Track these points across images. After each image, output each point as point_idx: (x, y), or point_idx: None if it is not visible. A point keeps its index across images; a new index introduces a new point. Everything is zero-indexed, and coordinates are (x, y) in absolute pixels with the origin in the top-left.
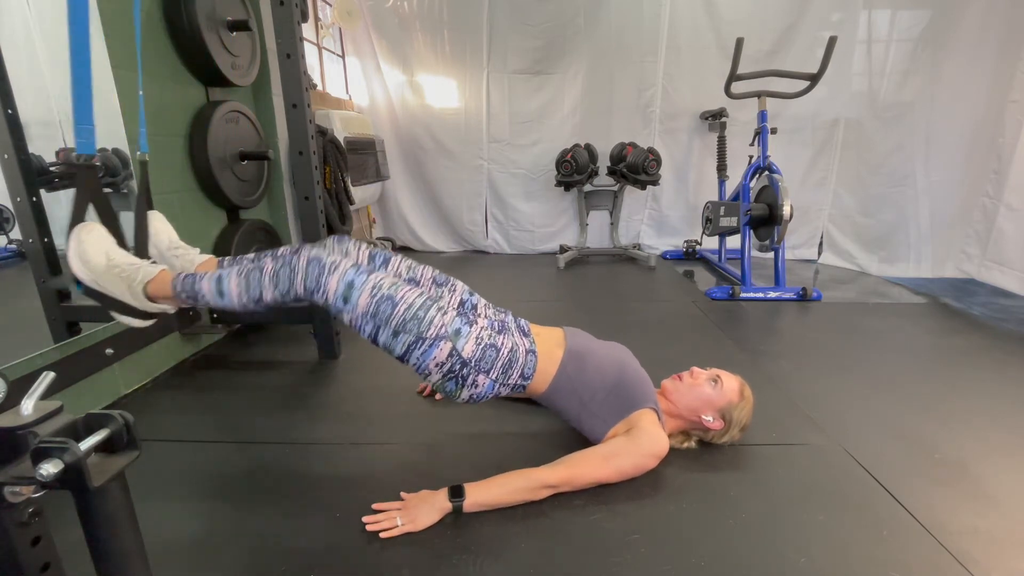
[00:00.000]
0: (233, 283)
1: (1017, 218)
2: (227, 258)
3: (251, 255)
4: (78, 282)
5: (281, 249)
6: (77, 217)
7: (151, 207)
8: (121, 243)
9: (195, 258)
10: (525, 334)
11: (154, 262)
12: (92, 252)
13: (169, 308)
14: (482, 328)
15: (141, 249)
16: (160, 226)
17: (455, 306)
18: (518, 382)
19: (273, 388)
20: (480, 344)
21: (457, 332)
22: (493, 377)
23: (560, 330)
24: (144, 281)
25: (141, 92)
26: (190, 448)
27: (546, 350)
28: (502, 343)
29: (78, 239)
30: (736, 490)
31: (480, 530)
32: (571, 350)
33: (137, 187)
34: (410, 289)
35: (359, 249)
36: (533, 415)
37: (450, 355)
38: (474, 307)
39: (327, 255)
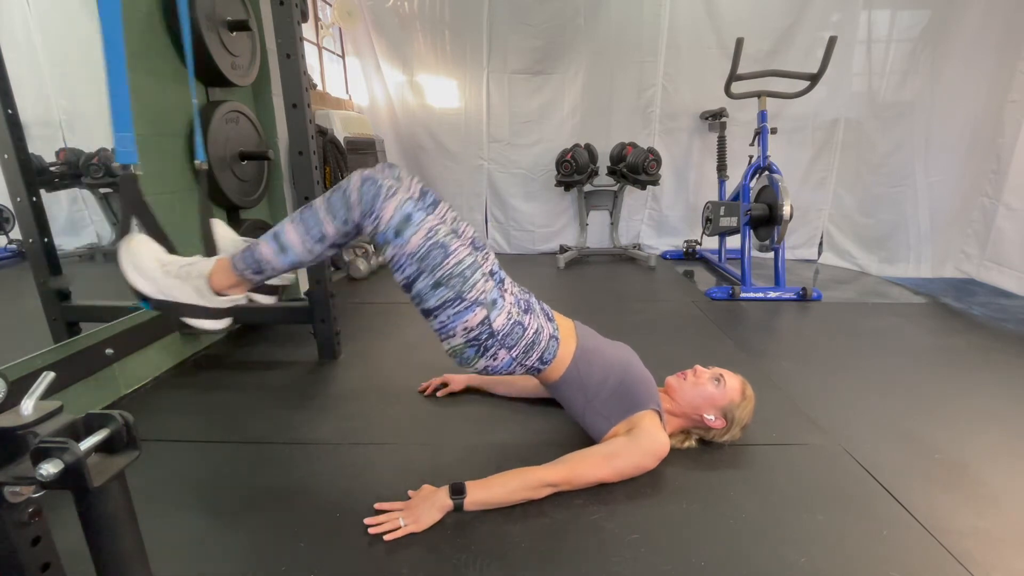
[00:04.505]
0: (291, 231)
1: (1016, 218)
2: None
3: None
4: (144, 299)
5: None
6: (123, 229)
7: (210, 214)
8: (171, 252)
9: None
10: (549, 319)
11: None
12: (145, 260)
13: (239, 298)
14: (511, 304)
15: (211, 255)
16: (223, 231)
17: (488, 274)
18: (535, 365)
19: (273, 388)
20: (510, 319)
21: (493, 302)
22: (514, 355)
23: (571, 322)
24: (204, 275)
25: (195, 100)
26: (190, 448)
27: (564, 339)
28: (528, 323)
29: (128, 250)
30: (736, 490)
31: (480, 530)
32: (582, 344)
33: (199, 196)
34: (462, 244)
35: (412, 179)
36: (533, 415)
37: (481, 323)
38: (501, 281)
39: (382, 177)
